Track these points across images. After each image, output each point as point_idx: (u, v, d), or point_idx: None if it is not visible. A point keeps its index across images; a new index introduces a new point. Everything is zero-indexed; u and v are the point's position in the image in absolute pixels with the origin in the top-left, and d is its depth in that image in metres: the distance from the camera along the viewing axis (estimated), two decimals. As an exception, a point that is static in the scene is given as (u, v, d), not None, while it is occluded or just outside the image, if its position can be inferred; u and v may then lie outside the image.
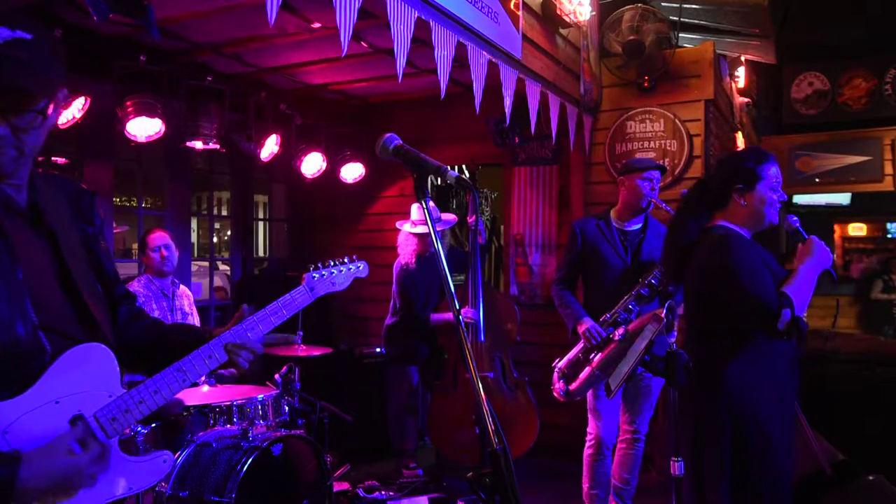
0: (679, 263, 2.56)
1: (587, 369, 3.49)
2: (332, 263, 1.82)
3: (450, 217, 4.71)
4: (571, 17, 4.33)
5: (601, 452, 3.64)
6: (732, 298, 2.35)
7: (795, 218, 2.55)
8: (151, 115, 3.93)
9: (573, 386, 3.55)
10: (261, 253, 7.06)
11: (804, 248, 2.46)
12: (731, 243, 2.38)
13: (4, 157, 1.35)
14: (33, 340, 1.34)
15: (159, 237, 4.02)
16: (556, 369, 3.64)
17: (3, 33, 1.30)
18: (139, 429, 2.97)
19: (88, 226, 1.57)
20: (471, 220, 4.53)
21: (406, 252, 4.61)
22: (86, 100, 3.70)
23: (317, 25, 3.73)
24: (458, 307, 1.44)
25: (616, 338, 3.34)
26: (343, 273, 1.83)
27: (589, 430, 3.70)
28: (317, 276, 1.76)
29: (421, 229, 4.52)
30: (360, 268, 1.89)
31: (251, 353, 1.59)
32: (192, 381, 1.52)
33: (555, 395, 3.62)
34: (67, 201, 1.54)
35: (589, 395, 3.65)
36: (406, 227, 4.59)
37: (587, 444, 3.70)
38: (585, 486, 3.70)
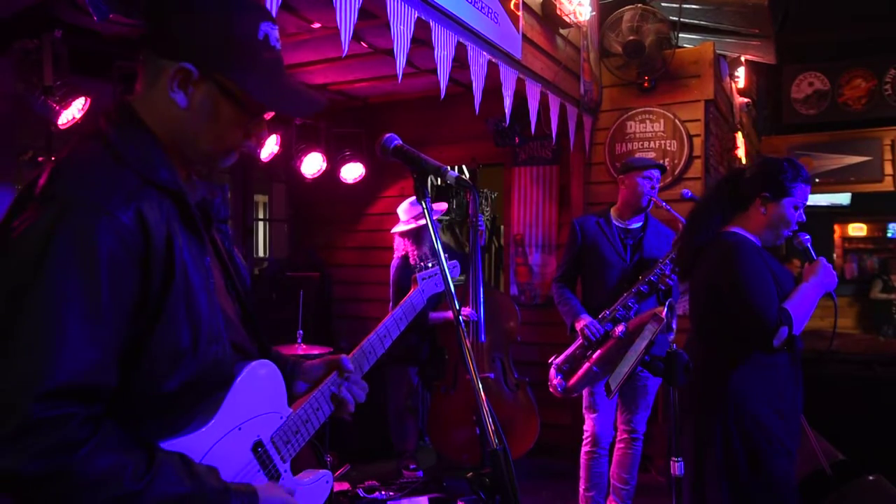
0: (691, 261, 2.54)
1: (585, 366, 3.50)
2: (429, 265, 1.79)
3: (440, 206, 4.67)
4: (571, 17, 4.33)
5: (597, 451, 3.65)
6: (734, 310, 2.34)
7: (808, 237, 2.49)
8: (151, 115, 3.92)
9: (570, 382, 3.55)
10: (261, 253, 7.05)
11: (810, 267, 2.45)
12: (739, 253, 2.36)
13: (235, 158, 1.26)
14: (228, 359, 1.24)
15: None
16: (553, 365, 3.65)
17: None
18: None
19: (223, 223, 1.37)
20: (472, 220, 4.51)
21: (400, 252, 4.59)
22: (86, 100, 3.69)
23: (317, 25, 3.73)
24: (458, 307, 1.44)
25: (616, 335, 3.34)
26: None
27: (585, 427, 3.71)
28: (426, 276, 1.76)
29: (405, 228, 4.46)
30: (455, 266, 1.91)
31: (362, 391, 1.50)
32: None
33: (551, 390, 3.63)
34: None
35: (585, 392, 3.66)
36: (395, 230, 4.55)
37: (584, 442, 3.71)
38: (581, 487, 3.71)
